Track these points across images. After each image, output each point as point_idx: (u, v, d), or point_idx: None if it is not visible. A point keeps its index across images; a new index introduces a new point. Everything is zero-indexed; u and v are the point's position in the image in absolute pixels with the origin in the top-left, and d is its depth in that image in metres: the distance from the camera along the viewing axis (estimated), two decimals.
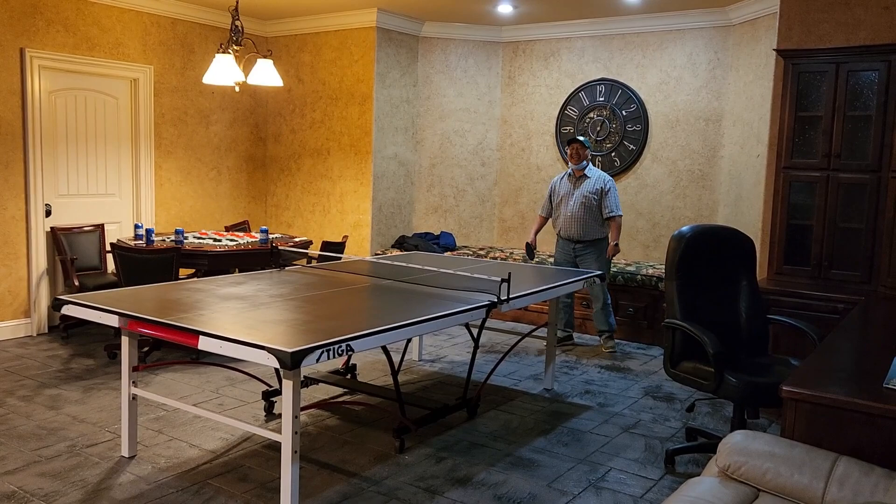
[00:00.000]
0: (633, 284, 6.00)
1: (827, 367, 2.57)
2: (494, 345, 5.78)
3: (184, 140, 6.71)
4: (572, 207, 5.52)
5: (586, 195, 5.49)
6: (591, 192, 5.48)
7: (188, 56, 6.65)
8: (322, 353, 2.62)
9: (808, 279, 4.49)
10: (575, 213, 5.51)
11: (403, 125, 7.21)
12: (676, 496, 2.11)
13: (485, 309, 3.53)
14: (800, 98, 4.51)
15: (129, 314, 3.01)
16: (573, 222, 5.53)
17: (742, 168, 5.93)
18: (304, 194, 7.41)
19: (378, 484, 3.23)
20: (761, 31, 5.65)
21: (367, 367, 5.01)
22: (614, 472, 3.44)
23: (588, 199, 5.48)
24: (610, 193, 5.48)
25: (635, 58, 6.60)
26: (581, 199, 5.50)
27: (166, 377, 4.66)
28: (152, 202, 6.47)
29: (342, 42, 7.00)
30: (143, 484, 3.15)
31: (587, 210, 5.49)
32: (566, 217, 5.57)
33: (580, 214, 5.50)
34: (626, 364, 5.38)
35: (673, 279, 3.52)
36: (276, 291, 3.67)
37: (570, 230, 5.56)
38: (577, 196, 5.51)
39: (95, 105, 6.04)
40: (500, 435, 3.86)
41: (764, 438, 2.24)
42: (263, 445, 3.61)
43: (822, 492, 2.00)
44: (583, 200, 5.49)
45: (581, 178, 5.55)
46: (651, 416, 4.23)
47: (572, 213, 5.52)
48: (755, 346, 3.60)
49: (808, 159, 4.51)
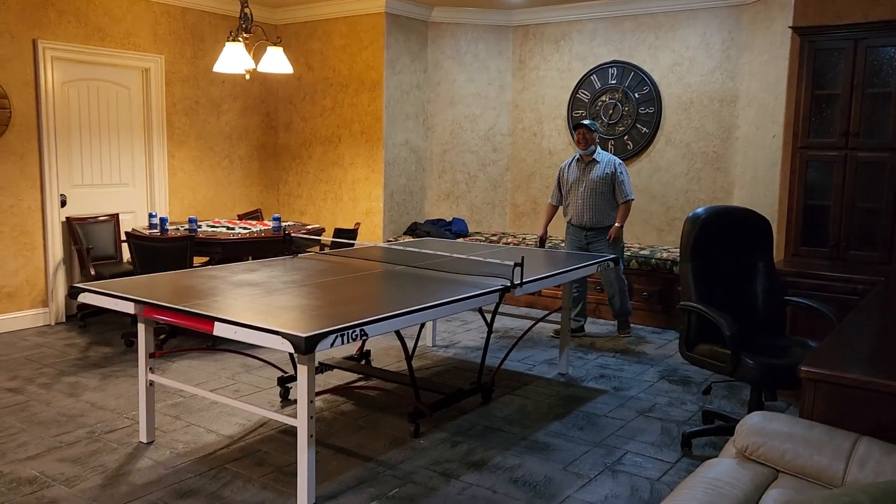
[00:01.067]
0: (648, 268, 5.96)
1: (846, 347, 2.54)
2: (508, 330, 5.77)
3: (195, 129, 6.72)
4: (583, 194, 5.38)
5: (597, 181, 5.35)
6: (601, 177, 5.34)
7: (198, 45, 6.65)
8: (336, 337, 2.62)
9: (826, 260, 4.44)
10: (586, 199, 5.37)
11: (414, 111, 7.18)
12: (694, 477, 2.10)
13: (498, 293, 3.52)
14: (816, 76, 4.44)
15: (145, 301, 3.02)
16: (585, 209, 5.39)
17: (757, 149, 5.86)
18: (315, 182, 7.41)
19: (394, 468, 3.24)
20: (776, 10, 5.56)
21: (380, 353, 5.02)
22: (630, 455, 3.43)
23: (599, 185, 5.34)
24: (623, 178, 5.35)
25: (648, 39, 6.53)
26: (592, 186, 5.36)
27: (182, 364, 4.69)
28: (166, 191, 6.49)
29: (351, 28, 6.97)
30: (162, 469, 3.18)
31: (599, 196, 5.35)
32: (577, 204, 5.42)
33: (592, 201, 5.36)
34: (641, 348, 5.35)
35: (688, 261, 3.49)
36: (290, 278, 3.68)
37: (582, 217, 5.42)
38: (588, 182, 5.37)
39: (108, 95, 6.05)
40: (514, 419, 3.86)
41: (782, 419, 2.21)
42: (279, 430, 3.63)
43: (843, 472, 1.98)
44: (593, 186, 5.35)
45: (591, 164, 5.40)
46: (667, 400, 4.22)
47: (583, 199, 5.38)
48: (772, 328, 3.57)
49: (826, 139, 4.44)
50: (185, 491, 2.98)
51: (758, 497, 1.99)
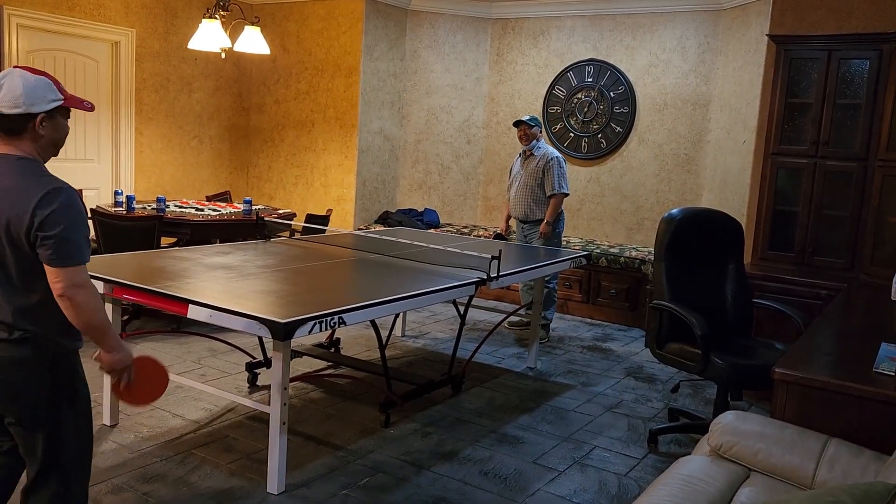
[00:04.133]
0: (616, 266, 6.03)
1: (816, 351, 2.61)
2: (477, 323, 5.78)
3: (165, 107, 6.57)
4: (518, 187, 5.38)
5: (529, 174, 5.31)
6: (533, 170, 5.29)
7: (171, 21, 6.48)
8: (315, 324, 2.59)
9: (792, 265, 4.54)
10: (519, 192, 5.36)
11: (390, 99, 7.13)
12: (669, 474, 2.13)
13: (474, 286, 3.52)
14: (790, 84, 4.53)
15: (115, 280, 2.94)
16: (517, 202, 5.39)
17: (728, 153, 5.97)
18: (287, 166, 7.31)
19: (364, 457, 3.22)
20: (752, 17, 5.66)
21: (350, 342, 4.99)
22: (598, 450, 3.48)
23: (530, 179, 5.30)
24: (553, 171, 5.24)
25: (625, 39, 6.58)
26: (524, 180, 5.33)
27: (147, 346, 4.59)
28: (132, 169, 6.33)
29: (329, 12, 6.87)
30: (127, 452, 3.11)
31: (528, 190, 5.31)
32: (513, 198, 5.43)
33: (522, 195, 5.34)
34: (608, 345, 5.42)
35: (661, 261, 3.54)
36: (263, 262, 3.62)
37: (516, 210, 5.43)
38: (524, 176, 5.35)
39: (75, 67, 5.87)
40: (484, 412, 3.88)
41: (755, 419, 2.26)
42: (247, 417, 3.58)
43: (813, 472, 2.03)
44: (525, 180, 5.32)
45: (529, 157, 5.36)
46: (633, 397, 4.28)
47: (517, 192, 5.38)
48: (740, 329, 3.64)
49: (796, 146, 4.54)
50: (151, 476, 2.92)
51: (731, 494, 2.03)
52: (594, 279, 6.16)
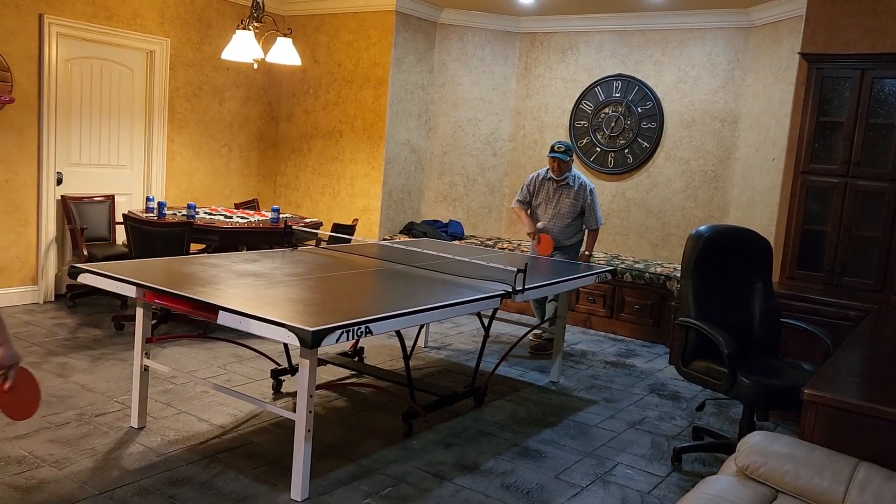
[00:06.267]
0: (641, 282, 6.00)
1: (846, 372, 2.57)
2: (499, 335, 5.78)
3: (197, 115, 6.68)
4: (553, 216, 5.28)
5: (568, 206, 5.25)
6: (572, 203, 5.24)
7: (205, 31, 6.61)
8: (342, 333, 2.62)
9: (821, 285, 4.49)
10: (555, 222, 5.27)
11: (417, 111, 7.18)
12: (695, 493, 2.12)
13: (499, 298, 3.53)
14: (822, 103, 4.49)
15: (147, 285, 3.00)
16: (552, 230, 5.27)
17: (756, 171, 5.92)
18: (314, 176, 7.38)
19: (386, 467, 3.23)
20: (783, 34, 5.63)
21: (373, 351, 5.01)
22: (621, 466, 3.45)
23: (565, 208, 5.25)
24: (593, 206, 5.24)
25: (654, 55, 6.57)
26: (562, 211, 5.26)
27: (174, 350, 4.65)
28: (163, 175, 6.44)
29: (360, 24, 6.95)
30: (153, 455, 3.15)
31: (563, 218, 5.26)
32: (545, 224, 5.31)
33: (560, 224, 5.27)
34: (631, 361, 5.38)
35: (688, 277, 3.52)
36: (291, 270, 3.67)
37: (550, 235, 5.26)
38: (559, 206, 5.26)
39: (111, 75, 6.00)
40: (506, 425, 3.87)
41: (784, 440, 2.24)
42: (271, 423, 3.61)
43: (843, 496, 2.00)
44: (564, 212, 5.25)
45: (563, 186, 5.26)
46: (657, 414, 4.24)
47: (552, 222, 5.28)
48: (767, 349, 3.61)
49: (827, 165, 4.50)
50: (177, 479, 2.96)
51: None
52: (618, 294, 6.13)
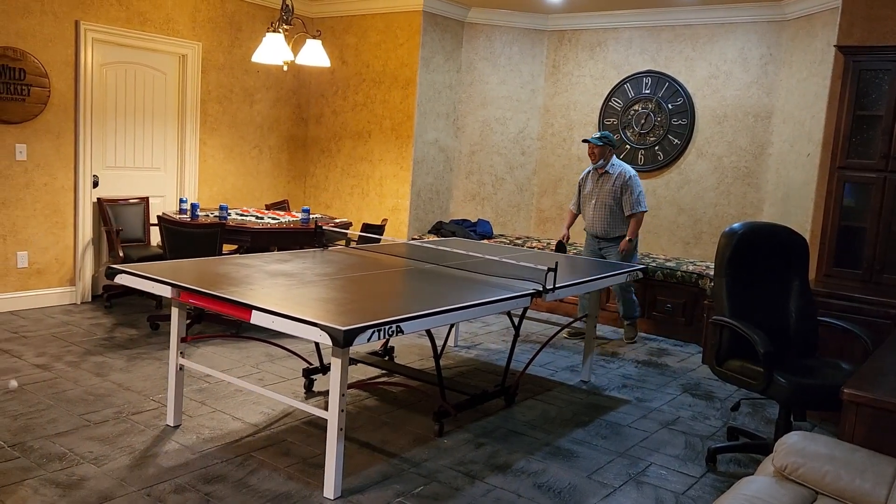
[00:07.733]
0: (673, 280, 5.93)
1: (888, 371, 2.52)
2: (529, 335, 5.76)
3: (228, 118, 6.77)
4: (595, 205, 5.55)
5: (607, 194, 5.48)
6: (611, 190, 5.47)
7: (235, 34, 6.69)
8: (373, 332, 2.63)
9: (859, 282, 4.39)
10: (598, 211, 5.53)
11: (445, 111, 7.19)
12: (731, 494, 2.09)
13: (529, 297, 3.51)
14: (859, 97, 4.40)
15: (182, 286, 3.04)
16: (596, 220, 5.56)
17: (791, 167, 5.81)
18: (343, 176, 7.43)
19: (418, 466, 3.24)
20: (818, 27, 5.52)
21: (403, 350, 5.03)
22: (654, 467, 3.42)
23: (609, 197, 5.48)
24: (631, 190, 5.42)
25: (684, 50, 6.49)
26: (603, 198, 5.51)
27: (207, 350, 4.72)
28: (196, 177, 6.54)
29: (388, 25, 6.98)
30: (189, 453, 3.20)
31: (608, 208, 5.49)
32: (590, 215, 5.60)
33: (602, 213, 5.52)
34: (664, 360, 5.33)
35: (723, 276, 3.47)
36: (322, 270, 3.69)
37: (595, 227, 5.60)
38: (600, 194, 5.52)
39: (144, 79, 6.11)
40: (538, 424, 3.86)
41: (822, 441, 2.20)
42: (304, 422, 3.64)
43: (885, 498, 1.96)
44: (604, 199, 5.50)
45: (603, 175, 5.53)
46: (690, 414, 4.19)
47: (595, 211, 5.55)
48: (804, 348, 3.54)
49: (865, 160, 4.40)
50: (212, 476, 3.00)
51: None
52: (650, 293, 6.07)
